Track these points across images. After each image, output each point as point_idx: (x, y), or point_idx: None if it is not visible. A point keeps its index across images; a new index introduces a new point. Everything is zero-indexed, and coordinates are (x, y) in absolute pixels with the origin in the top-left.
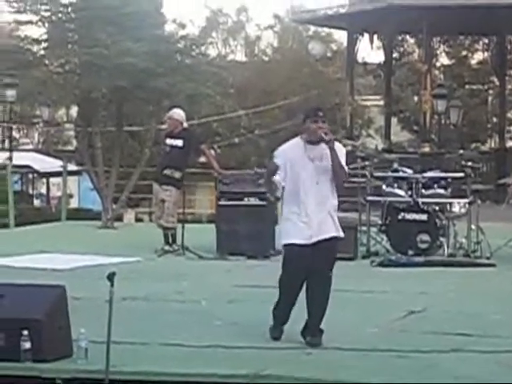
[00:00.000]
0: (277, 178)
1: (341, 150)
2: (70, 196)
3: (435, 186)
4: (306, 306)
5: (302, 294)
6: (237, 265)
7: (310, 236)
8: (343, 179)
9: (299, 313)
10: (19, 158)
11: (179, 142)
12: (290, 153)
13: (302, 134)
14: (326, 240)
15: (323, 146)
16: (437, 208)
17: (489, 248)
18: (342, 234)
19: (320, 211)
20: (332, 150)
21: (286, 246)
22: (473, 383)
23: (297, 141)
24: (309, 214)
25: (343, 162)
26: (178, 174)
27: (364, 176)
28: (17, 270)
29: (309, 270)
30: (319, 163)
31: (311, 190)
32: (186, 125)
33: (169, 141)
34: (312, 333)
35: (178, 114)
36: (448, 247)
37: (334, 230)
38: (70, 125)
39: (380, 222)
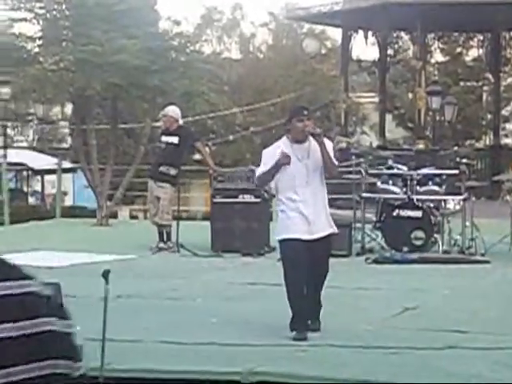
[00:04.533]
0: (272, 185)
1: (328, 144)
2: (65, 193)
3: (430, 182)
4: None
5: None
6: (231, 262)
7: (309, 232)
8: (334, 172)
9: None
10: (14, 156)
11: (175, 139)
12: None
13: (289, 133)
14: (322, 238)
15: (307, 144)
16: (431, 205)
17: (483, 244)
18: (336, 230)
19: (313, 209)
20: (321, 144)
21: (284, 240)
22: (467, 383)
23: (283, 141)
24: (303, 211)
25: (332, 155)
26: (173, 171)
27: (359, 173)
28: None
29: (307, 263)
30: (307, 161)
31: (303, 189)
32: (181, 122)
33: (164, 138)
34: (312, 319)
35: (174, 111)
36: (443, 244)
37: (328, 227)
38: (65, 122)
39: (375, 218)
